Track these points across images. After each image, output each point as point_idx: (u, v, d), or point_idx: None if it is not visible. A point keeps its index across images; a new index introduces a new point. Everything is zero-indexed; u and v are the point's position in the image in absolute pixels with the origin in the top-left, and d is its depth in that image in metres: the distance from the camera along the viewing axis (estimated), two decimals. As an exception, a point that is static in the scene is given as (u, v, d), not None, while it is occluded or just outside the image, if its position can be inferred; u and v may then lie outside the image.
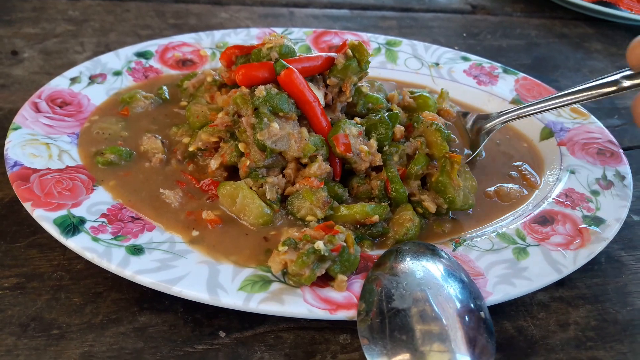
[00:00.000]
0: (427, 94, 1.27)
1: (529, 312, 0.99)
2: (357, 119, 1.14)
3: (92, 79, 1.32)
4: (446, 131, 1.10)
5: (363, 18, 2.01)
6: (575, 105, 1.39)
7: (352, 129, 1.09)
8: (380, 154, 1.10)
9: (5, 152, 1.07)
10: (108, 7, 1.86)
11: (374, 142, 1.09)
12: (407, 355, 0.78)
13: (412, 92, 1.28)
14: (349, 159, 1.07)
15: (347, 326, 0.93)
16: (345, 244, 0.91)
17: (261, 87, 1.05)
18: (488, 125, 1.26)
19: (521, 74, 1.51)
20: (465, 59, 1.57)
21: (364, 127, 1.11)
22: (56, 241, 0.96)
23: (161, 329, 0.91)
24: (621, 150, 1.26)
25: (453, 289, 0.87)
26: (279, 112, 1.05)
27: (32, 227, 1.04)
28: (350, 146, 1.07)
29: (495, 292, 0.91)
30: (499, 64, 1.55)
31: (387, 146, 1.11)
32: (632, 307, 1.02)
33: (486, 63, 1.55)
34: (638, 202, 1.26)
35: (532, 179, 1.21)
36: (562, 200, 1.12)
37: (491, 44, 1.92)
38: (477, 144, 1.24)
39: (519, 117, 1.24)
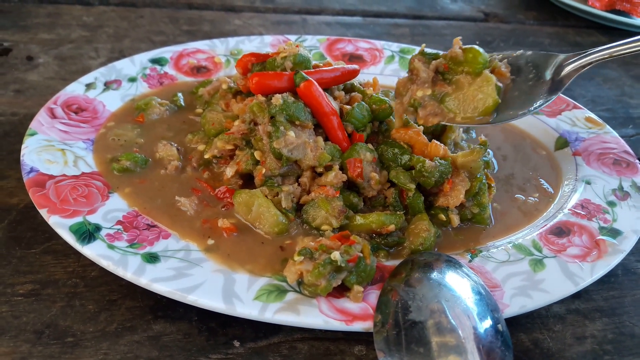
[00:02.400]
0: (480, 49, 1.09)
1: (545, 325, 0.98)
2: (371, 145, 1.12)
3: (107, 85, 1.32)
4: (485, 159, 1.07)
5: (376, 25, 2.02)
6: (590, 115, 1.39)
7: (367, 154, 1.08)
8: (389, 185, 1.10)
9: (21, 158, 1.07)
10: (122, 13, 1.87)
11: (386, 174, 1.09)
12: (425, 370, 0.78)
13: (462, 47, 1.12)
14: (359, 184, 1.07)
15: (362, 337, 0.92)
16: (361, 255, 0.91)
17: (278, 96, 1.05)
18: (578, 63, 1.14)
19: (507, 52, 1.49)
20: (479, 67, 1.56)
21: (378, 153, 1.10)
22: (71, 248, 0.96)
23: (176, 337, 0.91)
24: (637, 161, 1.25)
25: (470, 301, 0.87)
26: (296, 121, 1.05)
27: (47, 234, 1.05)
28: (362, 172, 1.07)
29: (512, 305, 0.91)
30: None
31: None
32: (650, 321, 1.01)
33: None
34: (654, 213, 1.24)
35: (548, 190, 1.20)
36: (578, 211, 1.11)
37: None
38: (559, 86, 1.13)
39: (611, 56, 1.13)
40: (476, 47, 1.07)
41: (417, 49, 1.58)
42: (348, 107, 1.14)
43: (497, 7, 2.29)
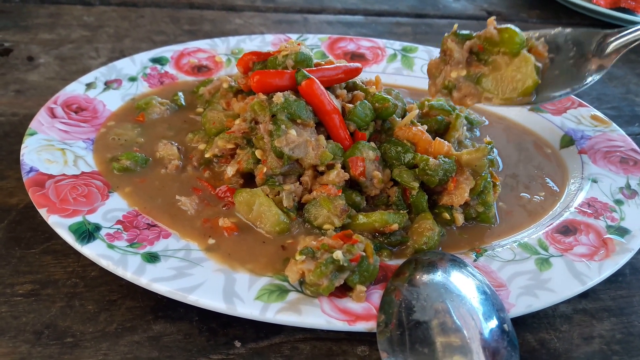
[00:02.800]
0: (516, 29, 1.06)
1: (552, 325, 0.97)
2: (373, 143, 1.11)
3: (108, 85, 1.31)
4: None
5: (377, 24, 2.00)
6: (596, 113, 1.38)
7: (369, 152, 1.07)
8: (392, 183, 1.09)
9: (21, 158, 1.06)
10: (123, 13, 1.86)
11: (389, 173, 1.08)
12: (429, 370, 0.76)
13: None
14: (361, 182, 1.06)
15: (364, 337, 0.91)
16: (364, 254, 0.89)
17: (279, 94, 1.04)
18: (624, 39, 1.10)
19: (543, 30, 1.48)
20: (482, 65, 1.55)
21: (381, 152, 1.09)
22: (71, 247, 0.95)
23: (176, 338, 0.89)
24: (645, 159, 1.24)
25: (475, 301, 0.85)
26: (297, 119, 1.04)
27: (46, 234, 1.04)
28: (365, 171, 1.05)
29: (518, 304, 0.89)
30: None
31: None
32: (658, 320, 1.00)
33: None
34: (661, 211, 1.23)
35: (554, 188, 1.19)
36: (584, 209, 1.10)
37: (508, 51, 1.90)
38: (605, 63, 1.10)
39: None
40: (512, 26, 1.05)
41: (420, 47, 1.58)
42: (350, 105, 1.13)
43: (500, 5, 2.27)
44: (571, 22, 2.18)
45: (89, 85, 1.29)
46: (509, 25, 1.05)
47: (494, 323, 0.83)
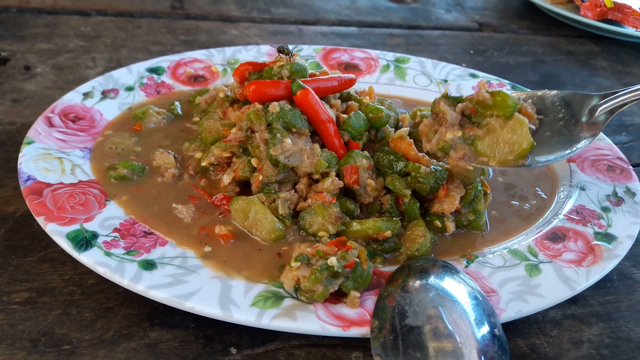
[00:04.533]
0: (507, 92, 1.05)
1: (542, 330, 0.98)
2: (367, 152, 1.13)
3: (105, 94, 1.33)
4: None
5: (371, 35, 2.03)
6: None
7: (363, 161, 1.09)
8: (385, 191, 1.10)
9: (18, 167, 1.07)
10: (119, 24, 1.88)
11: (382, 181, 1.10)
12: (422, 374, 0.78)
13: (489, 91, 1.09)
14: (355, 190, 1.08)
15: (359, 343, 0.93)
16: (358, 260, 0.91)
17: (275, 103, 1.06)
18: (613, 103, 1.11)
19: (529, 91, 1.51)
20: (473, 75, 1.58)
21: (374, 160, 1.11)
22: (68, 256, 0.97)
23: (172, 344, 0.91)
24: (631, 167, 1.26)
25: (466, 306, 0.87)
26: (292, 128, 1.05)
27: (43, 242, 1.05)
28: (358, 179, 1.07)
29: (509, 309, 0.91)
30: (507, 81, 1.55)
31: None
32: (646, 325, 1.02)
33: (494, 80, 1.56)
34: (649, 219, 1.25)
35: (543, 196, 1.21)
36: (573, 216, 1.12)
37: (498, 61, 1.94)
38: (596, 127, 1.10)
39: None
40: (504, 90, 1.05)
41: (412, 58, 1.61)
42: (344, 115, 1.15)
43: (491, 17, 2.30)
44: (560, 33, 2.21)
45: (86, 95, 1.31)
46: (500, 90, 1.05)
47: (485, 328, 0.84)
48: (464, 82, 1.55)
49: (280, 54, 1.17)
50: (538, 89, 1.55)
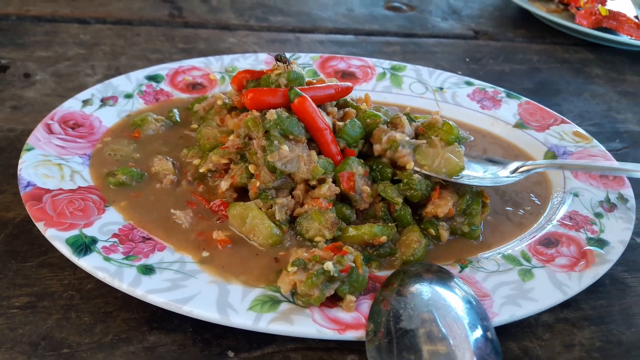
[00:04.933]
0: (454, 126, 1.18)
1: (535, 333, 1.00)
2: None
3: (104, 102, 1.34)
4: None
5: (367, 43, 2.05)
6: (578, 129, 1.42)
7: (359, 168, 1.11)
8: (380, 198, 1.12)
9: (18, 173, 1.09)
10: (118, 32, 1.89)
11: (377, 188, 1.11)
12: (416, 377, 0.79)
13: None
14: (351, 196, 1.10)
15: (354, 347, 0.94)
16: (354, 265, 0.92)
17: (272, 111, 1.07)
18: (532, 167, 1.23)
19: (524, 99, 1.53)
20: (468, 83, 1.59)
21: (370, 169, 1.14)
22: (67, 261, 0.98)
23: (170, 348, 0.92)
24: (624, 174, 1.28)
25: (460, 310, 0.88)
26: (289, 135, 1.07)
27: (43, 247, 1.06)
28: (354, 185, 1.09)
29: (502, 313, 0.92)
30: (502, 89, 1.57)
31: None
32: (637, 329, 1.03)
33: (489, 87, 1.58)
34: (640, 225, 1.27)
35: (537, 202, 1.22)
36: (566, 222, 1.14)
37: (494, 69, 1.95)
38: (515, 174, 1.22)
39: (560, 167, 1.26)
40: (452, 123, 1.19)
41: (408, 66, 1.63)
42: (341, 123, 1.16)
43: (487, 25, 2.33)
44: (555, 41, 2.23)
45: (86, 102, 1.32)
46: (450, 122, 1.19)
47: (478, 331, 0.86)
48: (460, 89, 1.56)
49: (278, 62, 1.19)
50: (534, 97, 1.59)
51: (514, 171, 1.21)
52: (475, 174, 1.18)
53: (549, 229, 1.12)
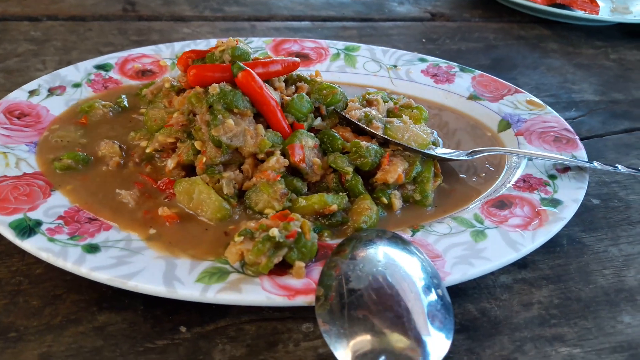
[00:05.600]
0: (425, 110, 1.29)
1: (492, 294, 0.99)
2: (319, 122, 1.19)
3: (51, 91, 1.32)
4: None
5: (324, 29, 2.04)
6: (532, 98, 1.42)
7: (308, 140, 1.10)
8: (332, 170, 1.12)
9: (-40, 162, 1.06)
10: (70, 27, 1.86)
11: (327, 160, 1.11)
12: (366, 335, 0.78)
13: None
14: (301, 169, 1.08)
15: (310, 315, 0.92)
16: (300, 231, 0.91)
17: (215, 85, 1.06)
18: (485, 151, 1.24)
19: (478, 72, 1.54)
20: (422, 60, 1.60)
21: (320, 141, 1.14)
22: (15, 247, 0.96)
23: (121, 327, 0.90)
24: (577, 137, 1.28)
25: (410, 269, 0.88)
26: (234, 109, 1.06)
27: (-12, 236, 1.03)
28: (304, 157, 1.08)
29: (454, 272, 0.92)
30: (455, 64, 1.57)
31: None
32: (595, 285, 1.03)
33: (443, 63, 1.58)
34: (597, 187, 1.28)
35: (491, 168, 1.22)
36: (519, 185, 1.14)
37: (450, 48, 1.96)
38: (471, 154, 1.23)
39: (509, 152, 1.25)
40: (424, 108, 1.30)
41: (362, 46, 1.62)
42: (288, 98, 1.15)
43: (443, 7, 2.33)
44: (512, 19, 2.25)
45: (32, 92, 1.30)
46: (422, 106, 1.30)
47: (428, 288, 0.85)
48: (413, 66, 1.56)
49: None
50: (490, 72, 1.59)
51: (470, 154, 1.22)
52: (443, 150, 1.24)
53: (502, 192, 1.12)
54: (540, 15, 2.24)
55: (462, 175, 1.20)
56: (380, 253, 0.91)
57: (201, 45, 1.56)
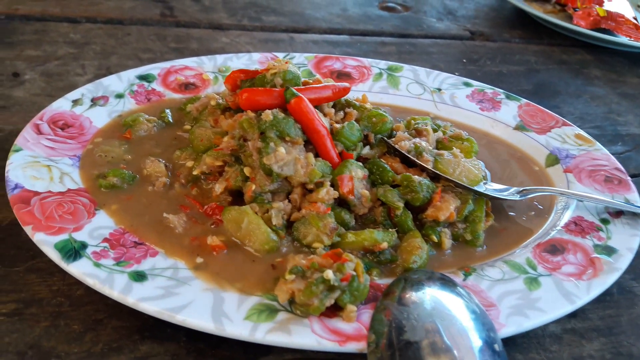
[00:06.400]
0: (475, 143, 1.25)
1: (542, 345, 0.97)
2: (367, 151, 1.16)
3: (94, 102, 1.30)
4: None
5: (362, 44, 2.01)
6: (580, 132, 1.39)
7: (357, 171, 1.07)
8: (380, 203, 1.09)
9: (6, 174, 1.05)
10: (109, 31, 1.85)
11: (376, 192, 1.08)
12: (419, 389, 0.76)
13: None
14: (350, 201, 1.06)
15: (355, 357, 0.90)
16: (354, 273, 0.88)
17: (268, 112, 1.03)
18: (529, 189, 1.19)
19: (524, 100, 1.51)
20: (467, 84, 1.56)
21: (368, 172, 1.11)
22: (56, 266, 0.94)
23: (163, 358, 0.88)
24: (629, 178, 1.25)
25: (465, 321, 0.85)
26: (286, 137, 1.03)
27: (31, 251, 1.01)
28: (353, 189, 1.05)
29: (509, 324, 0.89)
30: (501, 90, 1.54)
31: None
32: (647, 340, 1.00)
33: (488, 89, 1.55)
34: (646, 231, 1.24)
35: (539, 207, 1.19)
36: (571, 228, 1.11)
37: (491, 70, 1.92)
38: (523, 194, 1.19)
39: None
40: (474, 140, 1.27)
41: (405, 66, 1.60)
42: (338, 125, 1.13)
43: (482, 25, 2.30)
44: (552, 42, 2.21)
45: (76, 102, 1.28)
46: (472, 139, 1.26)
47: (484, 343, 0.82)
48: (458, 90, 1.53)
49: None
50: (532, 98, 1.56)
51: (522, 193, 1.18)
52: (494, 186, 1.19)
53: (553, 235, 1.09)
54: (582, 39, 2.20)
55: (511, 214, 1.17)
56: (434, 299, 0.89)
57: (243, 59, 1.54)
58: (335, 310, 0.89)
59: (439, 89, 1.54)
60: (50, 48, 1.69)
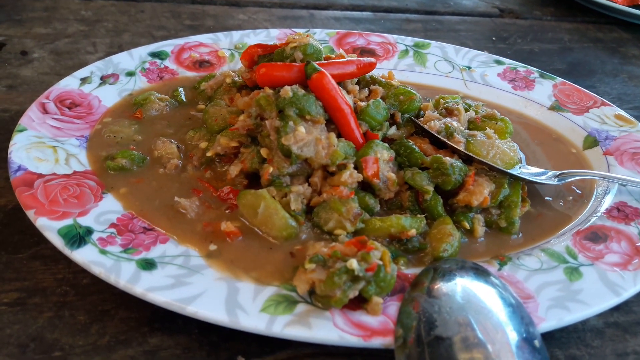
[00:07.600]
0: (510, 123, 1.16)
1: (582, 340, 0.89)
2: (393, 131, 1.09)
3: (104, 80, 1.24)
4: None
5: (386, 21, 1.93)
6: (620, 112, 1.30)
7: (383, 152, 1.00)
8: (407, 187, 1.02)
9: (9, 156, 1.00)
10: (122, 8, 1.79)
11: (403, 175, 1.01)
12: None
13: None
14: (374, 185, 0.99)
15: (379, 352, 0.83)
16: (381, 263, 0.81)
17: (287, 88, 0.97)
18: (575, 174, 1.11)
19: (559, 79, 1.42)
20: (498, 62, 1.48)
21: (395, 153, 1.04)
22: (61, 253, 0.88)
23: (174, 352, 0.83)
24: (675, 161, 1.16)
25: (501, 314, 0.78)
26: (306, 115, 0.96)
27: (35, 237, 0.97)
28: (378, 172, 0.98)
29: (549, 318, 0.82)
30: (535, 69, 1.46)
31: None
32: (695, 335, 0.92)
33: (521, 67, 1.46)
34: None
35: (577, 191, 1.11)
36: (614, 215, 1.02)
37: (522, 48, 1.84)
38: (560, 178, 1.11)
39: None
40: (509, 120, 1.17)
41: (433, 43, 1.51)
42: (362, 103, 1.06)
43: (512, 2, 2.20)
44: (586, 19, 2.11)
45: (84, 80, 1.22)
46: (506, 119, 1.17)
47: (523, 339, 0.75)
48: (489, 69, 1.45)
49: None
50: (567, 77, 1.47)
51: (559, 177, 1.10)
52: (530, 169, 1.11)
53: (594, 222, 1.01)
54: (618, 16, 2.09)
55: (547, 198, 1.09)
56: (466, 291, 0.81)
57: (261, 35, 1.47)
58: (359, 302, 0.82)
59: (469, 67, 1.46)
60: (60, 25, 1.64)
